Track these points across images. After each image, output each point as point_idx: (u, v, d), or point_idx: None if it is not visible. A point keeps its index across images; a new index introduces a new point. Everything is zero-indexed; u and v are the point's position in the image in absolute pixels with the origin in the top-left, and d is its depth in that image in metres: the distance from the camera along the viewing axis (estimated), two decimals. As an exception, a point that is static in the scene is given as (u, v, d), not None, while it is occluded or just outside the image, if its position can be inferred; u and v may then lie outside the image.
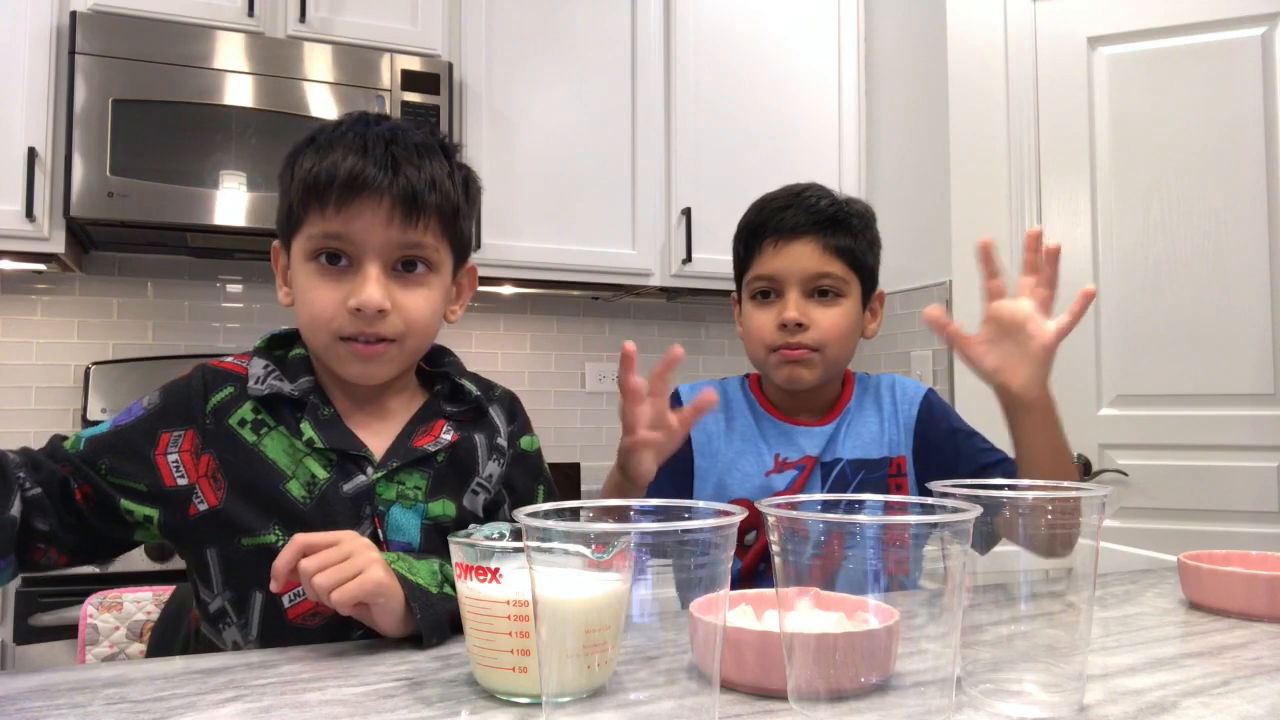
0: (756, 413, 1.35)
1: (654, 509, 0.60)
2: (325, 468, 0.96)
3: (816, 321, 1.24)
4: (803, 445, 1.31)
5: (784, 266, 1.25)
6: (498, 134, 2.54)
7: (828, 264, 1.24)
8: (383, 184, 0.92)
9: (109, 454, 0.93)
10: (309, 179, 0.93)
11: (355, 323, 0.94)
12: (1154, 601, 1.03)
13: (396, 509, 0.98)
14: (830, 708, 0.58)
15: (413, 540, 0.98)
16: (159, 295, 2.57)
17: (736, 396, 1.37)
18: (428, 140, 0.99)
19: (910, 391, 1.34)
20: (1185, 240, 2.35)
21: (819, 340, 1.24)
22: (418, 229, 0.95)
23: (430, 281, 0.99)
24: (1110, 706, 0.65)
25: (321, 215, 0.93)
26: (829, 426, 1.31)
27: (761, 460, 1.30)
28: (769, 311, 1.27)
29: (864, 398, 1.35)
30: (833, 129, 2.90)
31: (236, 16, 2.28)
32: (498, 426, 1.10)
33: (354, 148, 0.94)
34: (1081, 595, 0.66)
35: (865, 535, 0.57)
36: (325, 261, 0.95)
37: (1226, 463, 2.29)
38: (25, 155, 2.09)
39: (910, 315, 2.70)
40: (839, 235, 1.25)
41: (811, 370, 1.25)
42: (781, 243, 1.25)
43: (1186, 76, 2.36)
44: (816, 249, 1.24)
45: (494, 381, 1.15)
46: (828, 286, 1.25)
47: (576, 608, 0.58)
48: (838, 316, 1.25)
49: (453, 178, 0.99)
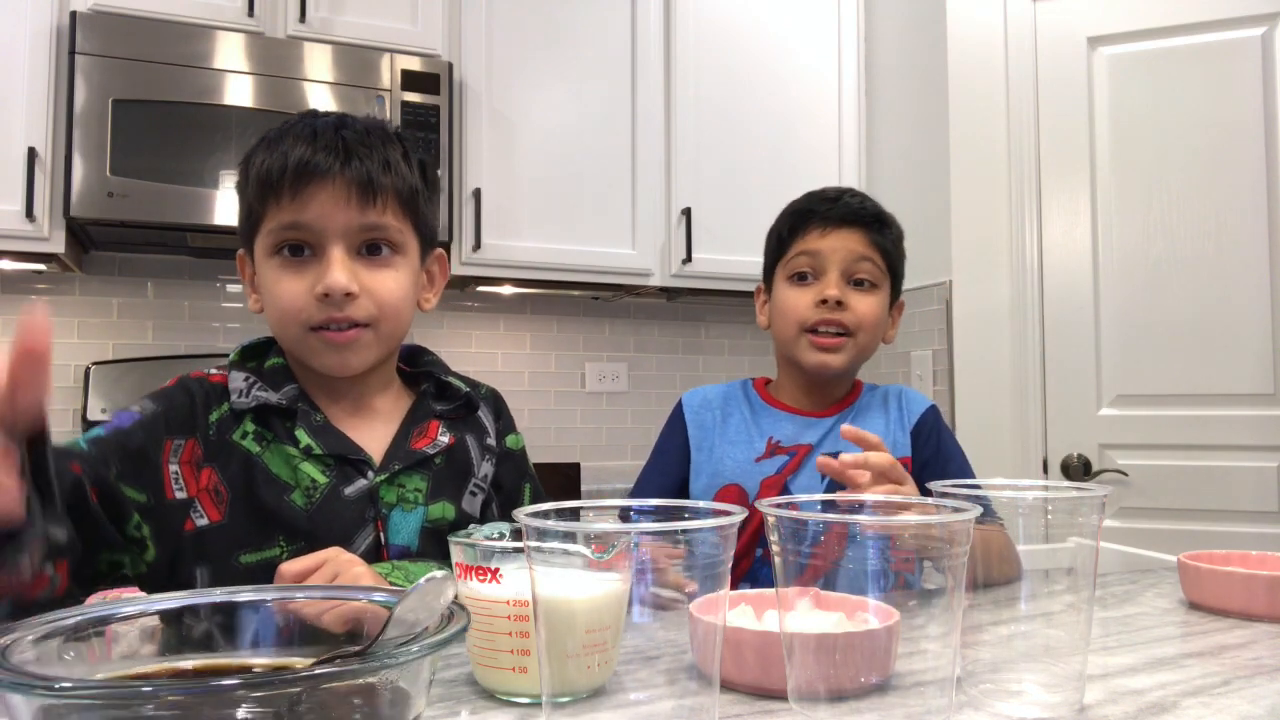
0: (755, 408, 1.36)
1: (654, 509, 0.60)
2: (324, 473, 0.95)
3: (854, 305, 1.27)
4: (801, 433, 1.31)
5: (830, 246, 1.28)
6: (498, 134, 2.54)
7: (870, 253, 1.28)
8: (334, 167, 0.92)
9: (118, 457, 0.88)
10: (262, 174, 0.93)
11: (324, 309, 0.92)
12: (1154, 601, 1.02)
13: (398, 512, 0.97)
14: (830, 708, 0.58)
15: (411, 543, 0.97)
16: (159, 295, 2.57)
17: (736, 397, 1.38)
18: (379, 127, 0.98)
19: (916, 403, 1.36)
20: (1185, 240, 2.35)
21: (855, 323, 1.26)
22: (376, 208, 0.94)
23: (397, 264, 0.97)
24: (1110, 706, 0.65)
25: (278, 207, 0.92)
26: (833, 418, 1.32)
27: (753, 447, 1.32)
28: (808, 291, 1.28)
29: (872, 399, 1.37)
30: (833, 129, 2.90)
31: (236, 16, 2.28)
32: (486, 426, 1.09)
33: (303, 137, 0.93)
34: (1081, 595, 0.66)
35: (865, 535, 0.57)
36: (288, 254, 0.94)
37: (1226, 463, 2.29)
38: (25, 155, 2.09)
39: (910, 315, 2.69)
40: (880, 233, 1.30)
41: (841, 357, 1.27)
42: (830, 228, 1.29)
43: (1186, 76, 2.36)
44: (861, 238, 1.28)
45: (477, 380, 1.14)
46: (865, 275, 1.28)
47: (576, 608, 0.58)
48: (873, 305, 1.28)
49: (408, 160, 0.98)
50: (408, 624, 0.46)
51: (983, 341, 2.50)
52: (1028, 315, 2.47)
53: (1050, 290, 2.46)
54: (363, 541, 0.95)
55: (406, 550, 0.96)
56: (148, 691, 0.38)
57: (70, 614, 0.47)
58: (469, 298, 2.89)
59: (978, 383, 2.49)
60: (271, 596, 0.54)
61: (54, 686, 0.37)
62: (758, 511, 0.60)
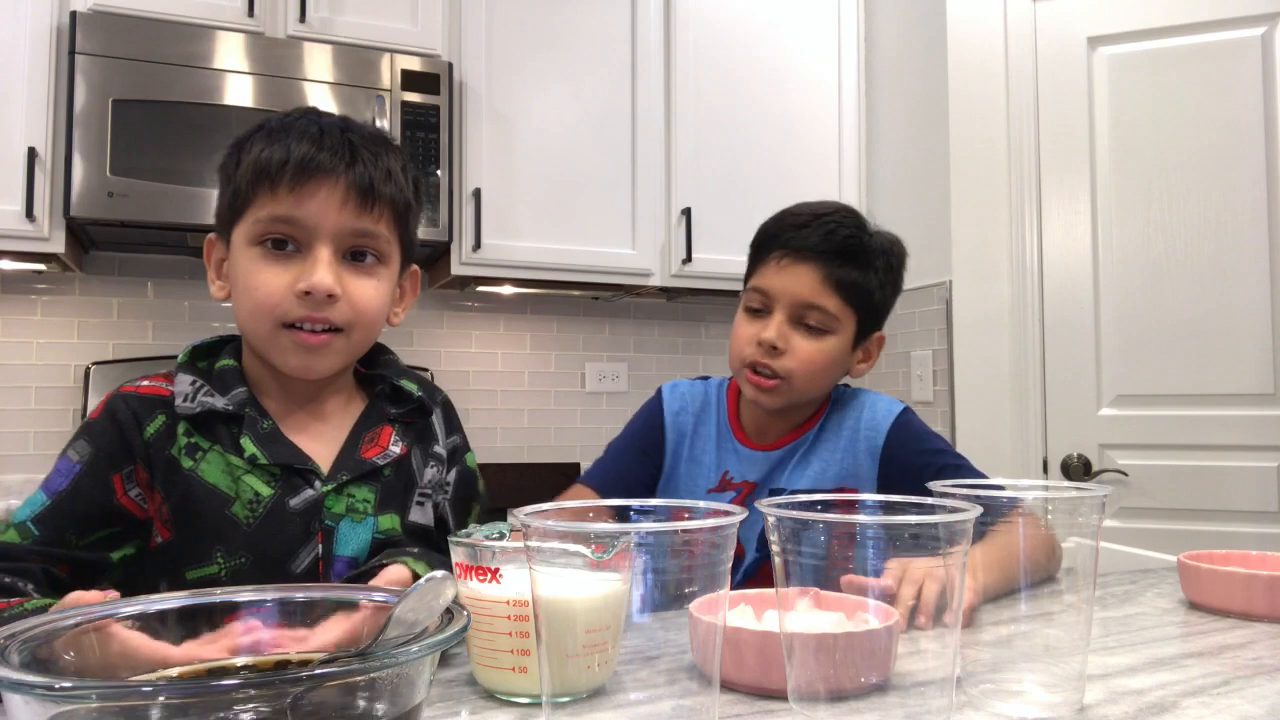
0: (721, 423, 1.33)
1: (654, 509, 0.60)
2: (269, 484, 0.93)
3: (795, 350, 1.21)
4: (748, 468, 1.29)
5: (779, 286, 1.21)
6: (498, 134, 2.54)
7: (823, 296, 1.20)
8: (338, 169, 0.91)
9: (71, 525, 0.88)
10: (260, 162, 0.91)
11: (302, 306, 0.90)
12: (1154, 601, 1.02)
13: (346, 523, 0.95)
14: (830, 708, 0.58)
15: (360, 555, 0.95)
16: (159, 295, 2.57)
17: (710, 406, 1.35)
18: (381, 136, 0.98)
19: (880, 418, 1.28)
20: (1185, 240, 2.35)
21: (790, 370, 1.21)
22: (371, 215, 0.93)
23: (380, 274, 0.96)
24: (1110, 706, 0.65)
25: (273, 197, 0.90)
26: (776, 454, 1.28)
27: (708, 475, 1.30)
28: (754, 326, 1.24)
29: (829, 422, 1.30)
30: (833, 129, 2.90)
31: (236, 16, 2.28)
32: (436, 433, 1.07)
33: (308, 134, 0.92)
34: (1081, 595, 0.66)
35: (865, 535, 0.57)
36: (271, 247, 0.92)
37: (1226, 463, 2.29)
38: (25, 155, 2.09)
39: (910, 315, 2.69)
40: (846, 267, 1.20)
41: (774, 398, 1.23)
42: (786, 261, 1.21)
43: (1186, 76, 2.36)
44: (816, 277, 1.20)
45: (432, 383, 1.12)
46: (815, 322, 1.21)
47: (576, 608, 0.58)
48: (816, 352, 1.21)
49: (406, 174, 0.97)
50: (408, 624, 0.46)
51: (983, 341, 2.50)
52: (1028, 315, 2.47)
53: (1050, 290, 2.46)
54: (306, 556, 0.93)
55: (354, 562, 0.94)
56: (148, 691, 0.38)
57: (70, 614, 0.47)
58: (469, 298, 2.89)
59: (978, 383, 2.49)
60: (271, 597, 0.54)
61: (54, 686, 0.37)
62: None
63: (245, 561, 0.91)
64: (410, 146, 2.35)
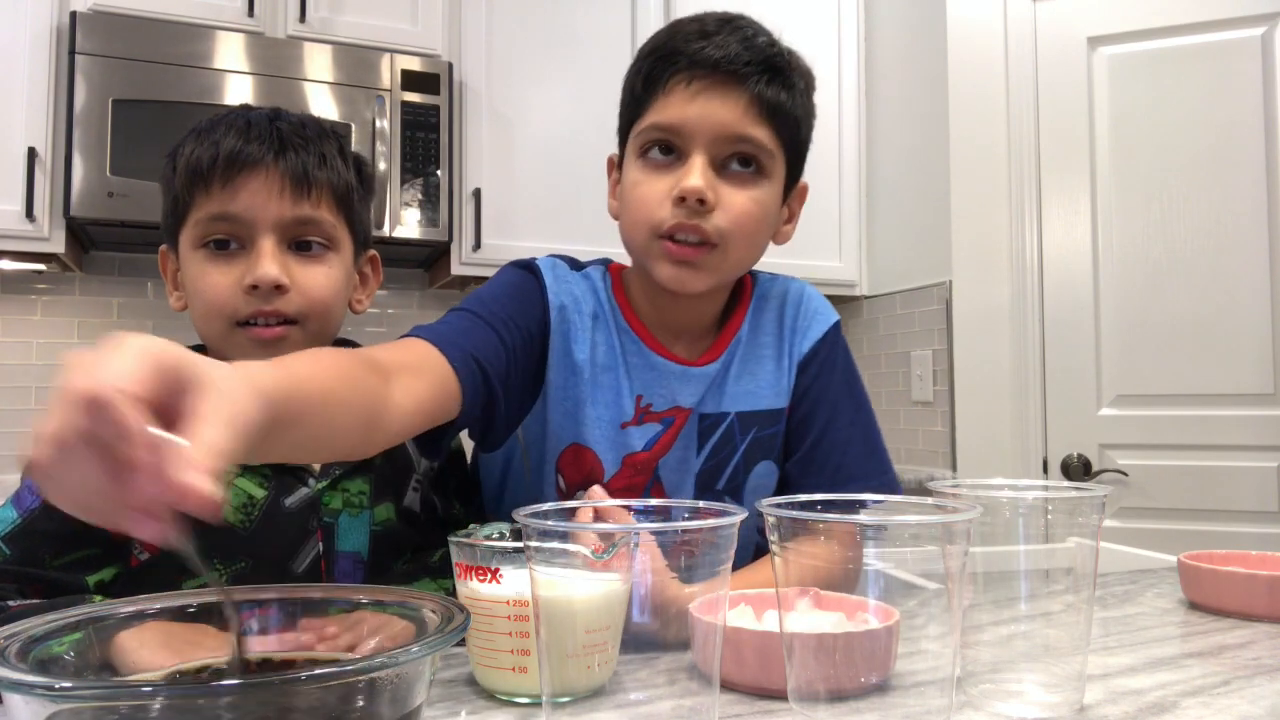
0: (620, 327, 1.00)
1: (654, 509, 0.60)
2: (261, 485, 0.91)
3: (726, 203, 0.90)
4: (675, 390, 0.99)
5: (695, 117, 0.89)
6: (498, 134, 2.54)
7: (754, 126, 0.91)
8: (268, 158, 0.89)
9: (44, 544, 0.84)
10: (191, 163, 0.90)
11: (252, 302, 0.89)
12: (1154, 601, 1.02)
13: (345, 517, 0.94)
14: (830, 708, 0.58)
15: (361, 550, 0.94)
16: (159, 295, 2.57)
17: (603, 297, 1.01)
18: (314, 122, 0.96)
19: (809, 320, 1.03)
20: (1185, 240, 2.35)
21: (723, 230, 0.90)
22: (310, 202, 0.91)
23: (330, 260, 0.94)
24: (1110, 706, 0.65)
25: (208, 196, 0.89)
26: (712, 367, 1.00)
27: (620, 404, 0.98)
28: (664, 179, 0.91)
29: (761, 316, 1.04)
30: (833, 128, 2.90)
31: (236, 16, 2.28)
32: None
33: (235, 127, 0.91)
34: (1081, 595, 0.66)
35: (865, 535, 0.57)
36: (214, 248, 0.90)
37: (1226, 463, 2.29)
38: (25, 155, 2.09)
39: (910, 315, 2.69)
40: (775, 87, 0.92)
41: (702, 275, 0.93)
42: (698, 83, 0.89)
43: (1186, 76, 2.36)
44: (742, 101, 0.90)
45: None
46: (750, 155, 0.91)
47: (576, 608, 0.58)
48: (753, 203, 0.92)
49: (344, 157, 0.96)
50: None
51: (983, 341, 2.50)
52: (1028, 315, 2.47)
53: (1050, 290, 2.46)
54: (307, 555, 0.92)
55: (358, 557, 0.93)
56: (148, 691, 0.38)
57: (70, 614, 0.47)
58: (469, 298, 2.89)
59: (977, 383, 2.49)
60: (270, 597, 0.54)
61: (54, 686, 0.37)
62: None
63: (245, 566, 0.90)
64: (410, 146, 2.35)
